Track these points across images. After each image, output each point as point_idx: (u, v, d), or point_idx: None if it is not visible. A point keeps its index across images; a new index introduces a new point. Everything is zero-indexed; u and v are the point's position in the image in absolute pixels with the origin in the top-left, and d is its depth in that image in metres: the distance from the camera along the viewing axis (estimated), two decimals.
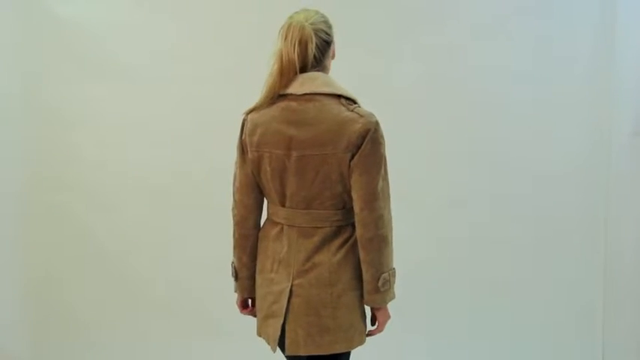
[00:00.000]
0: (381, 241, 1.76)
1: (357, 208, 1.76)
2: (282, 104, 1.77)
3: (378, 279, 1.78)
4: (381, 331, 1.91)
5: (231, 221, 1.97)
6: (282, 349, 1.85)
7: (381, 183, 1.75)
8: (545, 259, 3.10)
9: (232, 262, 1.99)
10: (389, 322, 1.91)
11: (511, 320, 3.13)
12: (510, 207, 3.09)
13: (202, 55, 3.11)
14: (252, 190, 1.88)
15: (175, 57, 3.12)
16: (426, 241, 3.03)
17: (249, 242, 1.93)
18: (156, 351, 3.20)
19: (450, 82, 3.06)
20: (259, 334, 1.92)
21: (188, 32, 3.12)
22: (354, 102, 1.78)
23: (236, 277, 1.98)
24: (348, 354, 1.89)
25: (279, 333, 1.80)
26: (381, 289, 1.79)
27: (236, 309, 2.05)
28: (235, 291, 2.01)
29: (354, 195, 1.75)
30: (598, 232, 3.07)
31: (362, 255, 1.79)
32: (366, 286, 1.81)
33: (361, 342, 1.86)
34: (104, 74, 3.14)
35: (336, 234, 1.80)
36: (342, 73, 1.93)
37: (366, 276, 1.80)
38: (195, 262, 3.18)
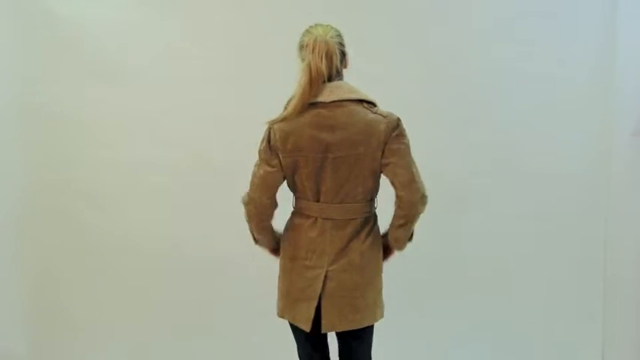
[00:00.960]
0: (418, 215, 2.03)
1: (399, 192, 1.97)
2: (312, 112, 1.92)
3: (410, 237, 2.12)
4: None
5: (239, 217, 2.09)
6: (312, 328, 2.02)
7: (414, 167, 1.97)
8: (545, 259, 3.10)
9: (254, 239, 2.19)
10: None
11: (511, 319, 3.13)
12: (511, 206, 3.09)
13: (203, 55, 3.10)
14: (272, 190, 2.04)
15: (175, 57, 3.12)
16: (427, 239, 2.99)
17: (267, 229, 2.14)
18: (155, 351, 3.21)
19: (451, 83, 3.06)
20: (282, 316, 2.11)
21: (188, 32, 3.12)
22: (374, 105, 1.96)
23: (265, 243, 2.18)
24: (372, 327, 2.13)
25: (313, 314, 2.00)
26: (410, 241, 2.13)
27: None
28: (264, 247, 2.21)
29: (396, 182, 1.96)
30: (598, 232, 3.07)
31: (400, 228, 2.04)
32: (400, 239, 2.09)
33: (382, 315, 2.11)
34: (104, 74, 3.13)
35: (364, 224, 2.02)
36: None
37: (399, 236, 2.07)
38: (195, 262, 3.18)
